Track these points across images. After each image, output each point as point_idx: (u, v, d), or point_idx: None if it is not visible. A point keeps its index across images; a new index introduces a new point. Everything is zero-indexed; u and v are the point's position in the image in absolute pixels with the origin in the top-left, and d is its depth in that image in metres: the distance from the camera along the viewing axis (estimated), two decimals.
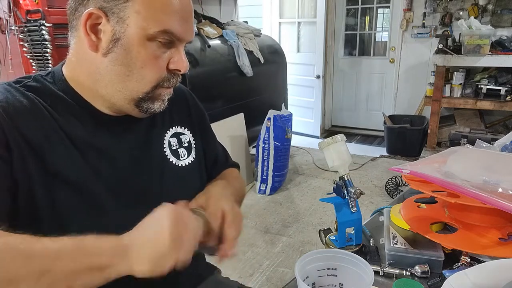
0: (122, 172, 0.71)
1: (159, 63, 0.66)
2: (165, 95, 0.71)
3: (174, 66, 0.68)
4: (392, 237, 0.91)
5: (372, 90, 4.70)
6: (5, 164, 0.59)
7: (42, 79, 0.70)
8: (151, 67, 0.66)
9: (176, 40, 0.66)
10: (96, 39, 0.64)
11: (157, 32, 0.63)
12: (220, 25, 3.31)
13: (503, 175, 0.81)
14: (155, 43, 0.64)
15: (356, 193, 0.87)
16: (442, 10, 3.91)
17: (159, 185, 0.76)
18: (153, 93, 0.68)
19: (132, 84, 0.66)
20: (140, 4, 0.62)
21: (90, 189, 0.66)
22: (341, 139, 0.89)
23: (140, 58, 0.64)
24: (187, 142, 0.84)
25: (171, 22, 0.63)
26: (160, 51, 0.66)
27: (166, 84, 0.69)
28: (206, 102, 3.26)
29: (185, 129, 0.85)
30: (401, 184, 3.02)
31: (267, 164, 3.13)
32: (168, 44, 0.66)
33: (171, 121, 0.83)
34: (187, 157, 0.83)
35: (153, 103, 0.70)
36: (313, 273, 0.68)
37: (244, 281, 2.08)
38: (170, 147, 0.81)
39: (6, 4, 2.41)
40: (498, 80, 3.38)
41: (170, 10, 0.63)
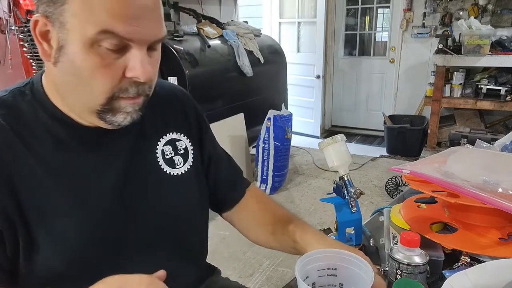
0: (110, 189, 0.67)
1: (110, 71, 0.57)
2: (129, 107, 0.61)
3: (130, 74, 0.58)
4: (392, 237, 0.91)
5: (372, 90, 4.69)
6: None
7: (19, 93, 0.64)
8: (100, 76, 0.57)
9: (128, 42, 0.56)
10: (48, 47, 0.58)
11: (96, 35, 0.54)
12: (220, 25, 3.31)
13: (503, 175, 0.81)
14: (102, 49, 0.55)
15: (356, 193, 0.87)
16: (442, 10, 3.91)
17: (153, 198, 0.72)
18: (111, 105, 0.60)
19: (84, 96, 0.60)
20: (76, 5, 0.54)
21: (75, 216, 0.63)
22: (341, 139, 0.89)
23: (86, 67, 0.56)
24: (183, 149, 0.79)
25: (112, 21, 0.54)
26: (110, 57, 0.56)
27: (124, 95, 0.60)
28: (206, 102, 3.27)
29: (181, 135, 0.79)
30: (401, 184, 3.02)
31: (267, 164, 3.13)
32: (119, 48, 0.57)
33: (165, 127, 0.77)
34: (183, 165, 0.78)
35: (115, 116, 0.61)
36: (313, 273, 0.68)
37: (244, 281, 2.08)
38: (164, 156, 0.75)
39: (6, 4, 2.41)
40: (498, 80, 3.38)
41: (109, 7, 0.53)
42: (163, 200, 0.73)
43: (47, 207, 0.61)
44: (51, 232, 0.61)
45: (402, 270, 0.68)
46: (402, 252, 0.69)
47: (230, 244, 2.44)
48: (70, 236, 0.62)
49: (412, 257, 0.68)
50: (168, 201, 0.74)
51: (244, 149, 3.31)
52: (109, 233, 0.66)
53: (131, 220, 0.69)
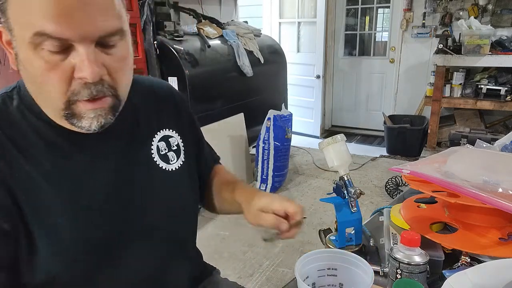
0: (104, 189, 0.66)
1: (58, 74, 0.54)
2: (90, 113, 0.58)
3: (78, 74, 0.55)
4: (392, 237, 0.91)
5: (372, 90, 4.69)
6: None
7: (8, 98, 0.63)
8: (50, 81, 0.54)
9: (68, 40, 0.53)
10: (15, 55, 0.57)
11: (32, 38, 0.52)
12: (220, 25, 3.31)
13: (503, 175, 0.81)
14: (44, 52, 0.53)
15: (356, 193, 0.87)
16: (442, 10, 3.91)
17: (149, 194, 0.72)
18: (71, 110, 0.57)
19: (46, 103, 0.58)
20: (13, 10, 0.52)
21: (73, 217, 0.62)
22: (341, 139, 0.89)
23: (36, 73, 0.54)
24: (175, 145, 0.79)
25: (43, 22, 0.51)
26: (54, 59, 0.54)
27: (79, 98, 0.56)
28: (206, 102, 3.27)
29: (173, 132, 0.80)
30: (401, 184, 3.02)
31: (267, 164, 3.13)
32: (63, 49, 0.53)
33: (159, 124, 0.78)
34: (176, 160, 0.78)
35: (80, 121, 0.58)
36: (313, 273, 0.68)
37: (244, 281, 2.08)
38: (159, 152, 0.76)
39: None
40: (498, 80, 3.38)
41: (39, 8, 0.51)
42: (160, 196, 0.74)
43: (43, 208, 0.60)
44: (47, 233, 0.61)
45: (402, 269, 0.68)
46: (402, 252, 0.69)
47: (230, 244, 2.44)
48: (65, 237, 0.62)
49: (412, 256, 0.68)
50: (164, 197, 0.74)
51: (244, 149, 3.31)
52: (104, 232, 0.66)
53: (126, 218, 0.69)
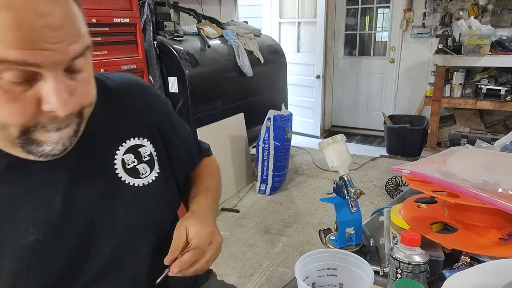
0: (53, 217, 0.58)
1: (19, 106, 0.47)
2: (53, 136, 0.51)
3: (46, 107, 0.48)
4: (392, 237, 0.91)
5: (372, 90, 4.70)
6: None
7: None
8: (8, 113, 0.47)
9: (33, 69, 0.46)
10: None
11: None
12: (220, 25, 3.31)
13: (503, 175, 0.81)
14: (3, 81, 0.46)
15: (356, 193, 0.87)
16: (442, 10, 3.91)
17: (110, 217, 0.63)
18: (29, 136, 0.50)
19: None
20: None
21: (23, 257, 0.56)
22: (341, 139, 0.89)
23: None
24: (147, 156, 0.70)
25: (5, 48, 0.44)
26: (15, 90, 0.47)
27: (42, 130, 0.50)
28: (206, 102, 3.28)
29: (144, 139, 0.70)
30: (401, 184, 3.02)
31: (267, 164, 3.13)
32: (25, 78, 0.47)
33: (124, 134, 0.68)
34: (149, 173, 0.69)
35: (41, 146, 0.52)
36: (313, 273, 0.68)
37: (244, 281, 2.08)
38: (125, 166, 0.66)
39: None
40: (498, 80, 3.38)
41: (1, 31, 0.43)
42: (126, 216, 0.65)
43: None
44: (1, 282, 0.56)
45: (402, 269, 0.68)
46: (403, 251, 0.69)
47: (230, 244, 2.44)
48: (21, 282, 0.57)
49: (413, 256, 0.68)
50: (133, 216, 0.66)
51: (244, 149, 3.31)
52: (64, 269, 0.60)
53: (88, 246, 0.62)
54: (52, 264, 0.59)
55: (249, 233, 2.59)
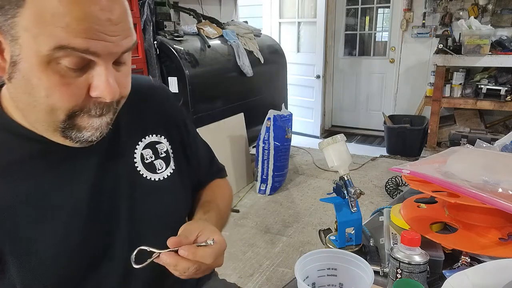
0: (80, 208, 0.62)
1: (71, 91, 0.52)
2: (95, 121, 0.56)
3: (95, 93, 0.53)
4: (392, 237, 0.91)
5: (372, 90, 4.70)
6: None
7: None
8: (60, 96, 0.52)
9: (90, 57, 0.51)
10: (2, 60, 0.53)
11: (52, 51, 0.48)
12: (220, 25, 3.31)
13: (503, 175, 0.81)
14: (61, 67, 0.50)
15: (356, 193, 0.87)
16: (442, 10, 3.91)
17: (130, 207, 0.68)
18: (72, 121, 0.55)
19: (43, 116, 0.54)
20: (28, 18, 0.48)
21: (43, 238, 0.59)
22: (341, 139, 0.89)
23: (42, 86, 0.51)
24: (164, 152, 0.74)
25: (71, 35, 0.48)
26: (70, 76, 0.51)
27: (86, 114, 0.55)
28: (206, 102, 3.27)
29: (161, 137, 0.75)
30: (401, 184, 3.02)
31: (267, 164, 3.13)
32: (81, 66, 0.52)
33: (144, 130, 0.73)
34: (165, 169, 0.73)
35: (81, 132, 0.56)
36: (313, 273, 0.68)
37: (244, 281, 2.08)
38: (143, 161, 0.71)
39: None
40: (498, 80, 3.38)
41: (67, 22, 0.48)
42: (145, 208, 0.70)
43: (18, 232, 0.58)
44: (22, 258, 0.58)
45: (402, 269, 0.68)
46: (403, 251, 0.69)
47: (230, 244, 2.43)
48: (44, 263, 0.60)
49: (413, 256, 0.68)
50: (149, 208, 0.70)
51: (244, 149, 3.31)
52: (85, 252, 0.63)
53: (110, 234, 0.66)
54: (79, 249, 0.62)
55: (249, 233, 2.59)
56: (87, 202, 0.63)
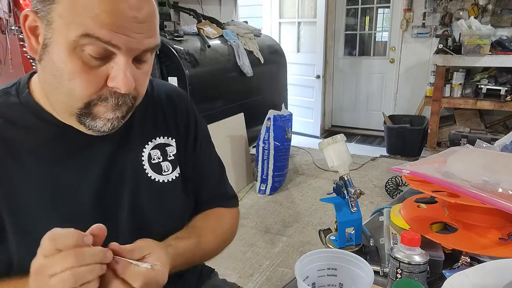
0: (88, 195, 0.65)
1: (90, 77, 0.56)
2: (110, 113, 0.59)
3: (111, 84, 0.57)
4: (392, 237, 0.91)
5: (372, 90, 4.70)
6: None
7: (4, 93, 0.64)
8: (80, 81, 0.56)
9: (112, 49, 0.55)
10: (36, 43, 0.58)
11: (78, 37, 0.53)
12: (220, 25, 3.31)
13: (503, 175, 0.81)
14: (84, 54, 0.55)
15: (356, 193, 0.87)
16: (442, 10, 3.91)
17: (131, 202, 0.69)
18: (89, 110, 0.59)
19: (63, 98, 0.58)
20: (63, 6, 0.53)
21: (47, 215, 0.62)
22: (341, 139, 0.89)
23: (66, 70, 0.55)
24: (173, 155, 0.75)
25: (98, 26, 0.53)
26: (92, 63, 0.56)
27: (103, 103, 0.58)
28: (206, 102, 3.27)
29: (172, 140, 0.76)
30: (401, 184, 3.02)
31: (267, 164, 3.13)
32: (103, 56, 0.55)
33: (155, 131, 0.74)
34: (171, 172, 0.74)
35: (95, 121, 0.60)
36: (313, 273, 0.68)
37: (244, 281, 2.08)
38: (150, 161, 0.72)
39: (6, 4, 2.41)
40: (498, 80, 3.38)
41: (97, 13, 0.52)
42: (146, 206, 0.70)
43: (20, 210, 0.60)
44: (25, 238, 0.60)
45: (402, 269, 0.68)
46: (403, 251, 0.69)
47: (230, 244, 2.43)
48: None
49: (413, 256, 0.68)
50: (150, 207, 0.71)
51: (244, 149, 3.31)
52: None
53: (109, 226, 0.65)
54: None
55: (249, 233, 2.59)
56: (94, 190, 0.66)
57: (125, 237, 0.68)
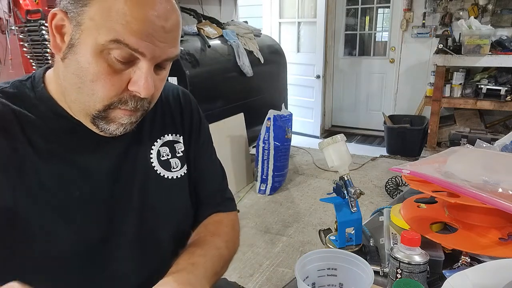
0: (97, 186, 0.67)
1: (113, 80, 0.58)
2: (125, 119, 0.62)
3: (132, 88, 0.59)
4: (392, 237, 0.91)
5: (372, 90, 4.70)
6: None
7: (20, 85, 0.66)
8: (103, 83, 0.58)
9: (137, 55, 0.57)
10: (61, 41, 0.59)
11: (108, 42, 0.55)
12: (220, 25, 3.31)
13: (503, 175, 0.81)
14: (110, 57, 0.56)
15: (356, 193, 0.87)
16: (442, 10, 3.91)
17: (140, 198, 0.70)
18: (106, 113, 0.60)
19: (84, 97, 0.60)
20: (96, 10, 0.55)
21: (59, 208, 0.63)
22: (341, 139, 0.89)
23: (91, 71, 0.57)
24: (181, 152, 0.77)
25: (126, 33, 0.55)
26: (116, 67, 0.58)
27: (122, 107, 0.60)
28: (206, 102, 3.27)
29: (180, 137, 0.78)
30: (401, 184, 3.02)
31: (267, 164, 3.13)
32: (127, 60, 0.57)
33: (163, 128, 0.76)
34: (179, 168, 0.76)
35: (108, 124, 0.62)
36: (313, 273, 0.68)
37: (244, 281, 2.08)
38: (159, 158, 0.74)
39: (6, 4, 2.41)
40: (498, 80, 3.38)
41: (128, 20, 0.54)
42: (154, 203, 0.72)
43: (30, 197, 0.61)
44: (32, 226, 0.61)
45: (402, 269, 0.68)
46: (403, 251, 0.69)
47: None
48: (56, 235, 0.62)
49: (413, 256, 0.68)
50: (159, 204, 0.73)
51: (244, 149, 3.31)
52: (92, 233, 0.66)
53: (116, 221, 0.68)
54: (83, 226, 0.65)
55: (249, 233, 2.59)
56: (103, 186, 0.67)
57: (132, 232, 0.70)
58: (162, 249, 0.75)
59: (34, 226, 0.61)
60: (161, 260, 0.73)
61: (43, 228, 0.62)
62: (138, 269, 0.72)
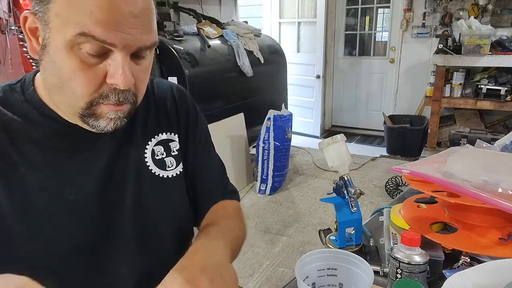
0: (91, 186, 0.66)
1: (89, 75, 0.56)
2: (112, 113, 0.60)
3: (110, 80, 0.57)
4: (392, 237, 0.91)
5: (372, 90, 4.70)
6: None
7: (10, 89, 0.65)
8: (80, 79, 0.56)
9: (108, 46, 0.55)
10: (37, 44, 0.58)
11: (75, 37, 0.53)
12: (220, 25, 3.31)
13: (503, 175, 0.81)
14: (82, 52, 0.54)
15: (356, 193, 0.87)
16: (442, 10, 3.91)
17: (135, 197, 0.70)
18: (92, 110, 0.59)
19: (66, 97, 0.58)
20: (59, 5, 0.53)
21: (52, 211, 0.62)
22: (341, 139, 0.89)
23: (66, 69, 0.55)
24: (176, 150, 0.76)
25: (91, 24, 0.52)
26: (90, 61, 0.55)
27: (105, 101, 0.58)
28: (206, 102, 3.27)
29: (175, 135, 0.76)
30: (401, 184, 3.02)
31: (267, 164, 3.13)
32: (100, 54, 0.55)
33: (158, 127, 0.75)
34: (175, 167, 0.75)
35: (98, 121, 0.60)
36: (313, 273, 0.68)
37: (244, 281, 2.08)
38: (154, 156, 0.73)
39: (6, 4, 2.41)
40: (498, 80, 3.38)
41: (91, 11, 0.52)
42: (149, 202, 0.71)
43: (25, 203, 0.61)
44: (28, 230, 0.61)
45: (402, 269, 0.68)
46: (403, 251, 0.69)
47: None
48: (48, 236, 0.62)
49: (413, 256, 0.68)
50: (154, 204, 0.72)
51: (244, 149, 3.31)
52: (88, 234, 0.66)
53: (112, 222, 0.68)
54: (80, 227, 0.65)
55: (249, 233, 2.58)
56: (96, 185, 0.66)
57: (128, 232, 0.69)
58: (163, 248, 0.74)
59: (30, 229, 0.61)
60: (163, 259, 0.72)
61: (39, 232, 0.61)
62: (137, 269, 0.71)
